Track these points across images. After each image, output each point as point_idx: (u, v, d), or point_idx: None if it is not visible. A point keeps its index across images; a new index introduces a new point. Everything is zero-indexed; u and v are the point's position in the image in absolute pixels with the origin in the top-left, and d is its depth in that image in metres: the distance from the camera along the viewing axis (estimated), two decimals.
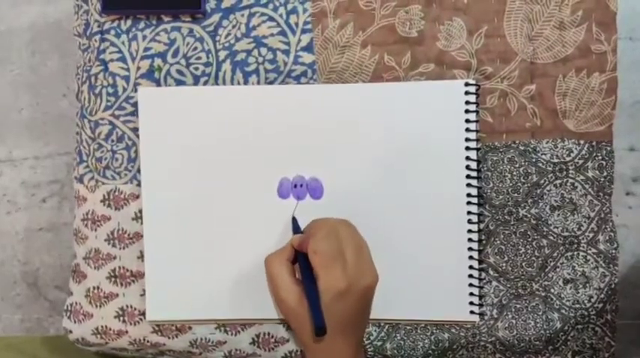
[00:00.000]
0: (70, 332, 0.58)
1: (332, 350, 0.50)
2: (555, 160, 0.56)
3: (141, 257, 0.57)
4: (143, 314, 0.57)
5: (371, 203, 0.55)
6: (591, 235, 0.56)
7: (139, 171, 0.57)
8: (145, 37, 0.57)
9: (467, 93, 0.55)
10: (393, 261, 0.55)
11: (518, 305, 0.56)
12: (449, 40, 0.56)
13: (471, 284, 0.55)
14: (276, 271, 0.51)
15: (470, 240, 0.55)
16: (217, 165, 0.56)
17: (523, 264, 0.56)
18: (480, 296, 0.55)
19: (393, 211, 0.55)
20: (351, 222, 0.52)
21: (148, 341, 0.57)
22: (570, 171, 0.56)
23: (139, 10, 0.57)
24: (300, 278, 0.51)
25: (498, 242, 0.56)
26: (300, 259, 0.51)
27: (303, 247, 0.50)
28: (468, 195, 0.55)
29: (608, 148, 0.56)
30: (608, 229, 0.56)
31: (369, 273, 0.50)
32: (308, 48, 0.56)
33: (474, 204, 0.55)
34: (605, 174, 0.56)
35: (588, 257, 0.56)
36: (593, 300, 0.56)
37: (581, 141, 0.56)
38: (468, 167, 0.55)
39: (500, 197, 0.56)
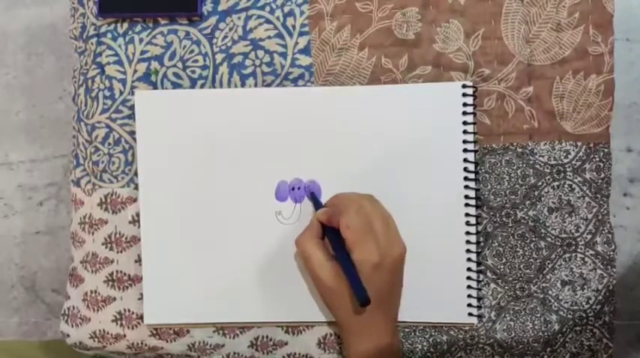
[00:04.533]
0: (68, 336, 0.58)
1: (372, 325, 0.50)
2: (553, 162, 0.56)
3: (138, 260, 0.57)
4: (141, 317, 0.57)
5: None
6: (589, 237, 0.56)
7: (136, 174, 0.57)
8: (141, 40, 0.57)
9: (464, 95, 0.55)
10: None
11: (516, 307, 0.56)
12: (446, 42, 0.56)
13: (469, 287, 0.55)
14: (309, 250, 0.51)
15: (468, 242, 0.55)
16: (215, 168, 0.56)
17: (521, 265, 0.56)
18: (478, 298, 0.55)
19: (391, 213, 0.55)
20: (374, 196, 0.52)
21: (145, 345, 0.57)
22: (568, 173, 0.56)
23: (136, 13, 0.56)
24: (333, 253, 0.51)
25: (496, 244, 0.56)
26: (329, 234, 0.51)
27: (333, 222, 0.50)
28: (466, 197, 0.55)
29: (606, 150, 0.56)
30: (606, 231, 0.56)
31: (398, 244, 0.51)
32: (305, 50, 0.56)
33: (471, 206, 0.55)
34: (602, 175, 0.56)
35: (586, 258, 0.56)
36: (591, 302, 0.56)
37: (579, 143, 0.56)
38: (465, 169, 0.55)
39: (498, 199, 0.56)
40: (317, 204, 0.54)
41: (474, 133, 0.55)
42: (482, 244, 0.56)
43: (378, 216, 0.50)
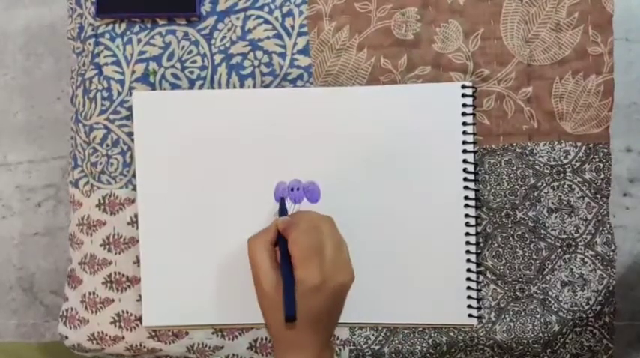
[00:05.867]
0: (66, 337, 0.58)
1: (299, 342, 0.50)
2: (552, 163, 0.56)
3: (137, 262, 0.56)
4: (139, 319, 0.57)
5: (368, 206, 0.55)
6: (589, 237, 0.56)
7: (134, 175, 0.56)
8: (139, 41, 0.57)
9: (463, 95, 0.55)
10: (390, 264, 0.55)
11: (516, 308, 0.56)
12: (445, 42, 0.56)
13: (468, 288, 0.55)
14: (258, 254, 0.51)
15: (467, 243, 0.55)
16: (213, 170, 0.56)
17: (521, 266, 0.56)
18: (478, 300, 0.55)
19: (390, 214, 0.55)
20: (333, 219, 0.52)
21: (144, 347, 0.57)
22: (567, 174, 0.56)
23: (134, 14, 0.56)
24: (280, 262, 0.51)
25: (496, 245, 0.56)
26: (281, 244, 0.51)
27: (287, 234, 0.51)
28: (466, 198, 0.55)
29: (605, 150, 0.56)
30: (606, 231, 0.56)
31: (345, 272, 0.51)
32: (304, 51, 0.56)
33: (471, 207, 0.55)
34: (602, 176, 0.56)
35: (586, 259, 0.56)
36: (591, 303, 0.56)
37: (578, 144, 0.56)
38: (465, 170, 0.55)
39: (498, 200, 0.56)
40: (282, 211, 0.54)
41: (474, 134, 0.55)
42: (481, 245, 0.56)
43: (330, 239, 0.50)
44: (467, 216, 0.55)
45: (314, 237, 0.50)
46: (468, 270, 0.55)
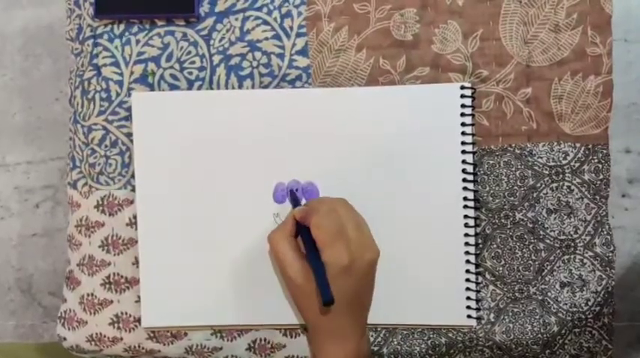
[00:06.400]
0: (64, 339, 0.58)
1: (339, 327, 0.50)
2: (551, 163, 0.56)
3: (135, 263, 0.56)
4: (138, 320, 0.56)
5: (366, 207, 0.55)
6: (588, 238, 0.56)
7: (132, 176, 0.56)
8: (138, 42, 0.57)
9: (462, 96, 0.55)
10: (389, 265, 0.55)
11: (515, 309, 0.56)
12: (444, 43, 0.56)
13: (467, 289, 0.55)
14: (281, 248, 0.51)
15: (466, 243, 0.55)
16: (212, 170, 0.56)
17: (520, 267, 0.56)
18: (477, 301, 0.55)
19: (389, 215, 0.55)
20: (347, 200, 0.52)
21: (143, 348, 0.57)
22: (566, 175, 0.56)
23: (132, 14, 0.56)
24: (304, 251, 0.51)
25: (495, 246, 0.56)
26: (302, 233, 0.51)
27: (307, 221, 0.50)
28: (465, 198, 0.55)
29: (604, 151, 0.56)
30: (605, 232, 0.56)
31: (370, 248, 0.51)
32: (303, 52, 0.56)
33: (470, 207, 0.55)
34: (601, 177, 0.56)
35: (585, 260, 0.56)
36: (590, 303, 0.56)
37: (577, 144, 0.56)
38: (464, 171, 0.55)
39: (497, 201, 0.56)
40: (295, 203, 0.54)
41: (473, 135, 0.55)
42: (480, 246, 0.56)
43: (350, 219, 0.50)
44: (466, 216, 0.55)
45: (335, 220, 0.50)
46: (467, 271, 0.55)
